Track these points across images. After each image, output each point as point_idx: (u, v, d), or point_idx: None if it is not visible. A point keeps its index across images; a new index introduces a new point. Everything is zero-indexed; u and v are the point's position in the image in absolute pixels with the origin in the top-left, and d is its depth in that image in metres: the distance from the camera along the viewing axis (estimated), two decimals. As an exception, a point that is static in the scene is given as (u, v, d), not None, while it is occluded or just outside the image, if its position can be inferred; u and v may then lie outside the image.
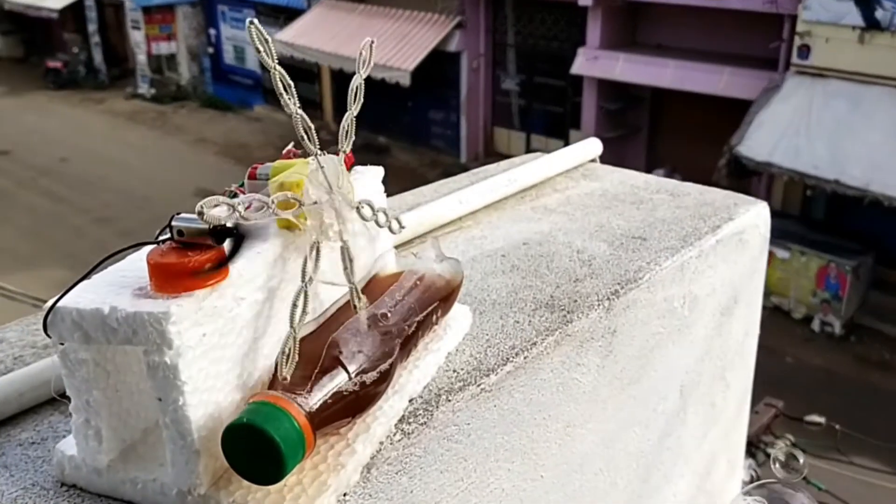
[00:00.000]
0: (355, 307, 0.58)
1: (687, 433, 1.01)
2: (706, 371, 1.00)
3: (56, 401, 0.65)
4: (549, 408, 0.76)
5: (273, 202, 0.53)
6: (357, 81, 0.60)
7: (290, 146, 0.62)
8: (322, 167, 0.55)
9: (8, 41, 18.29)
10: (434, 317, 0.66)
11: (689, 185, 1.07)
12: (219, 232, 0.52)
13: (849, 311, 8.04)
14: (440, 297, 0.66)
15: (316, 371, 0.53)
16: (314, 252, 0.55)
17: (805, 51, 8.49)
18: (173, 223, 0.52)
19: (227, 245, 0.53)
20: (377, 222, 0.66)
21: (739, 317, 1.03)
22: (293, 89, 0.54)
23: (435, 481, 0.65)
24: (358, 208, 0.61)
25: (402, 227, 0.69)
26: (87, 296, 0.51)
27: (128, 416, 0.56)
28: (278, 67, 0.53)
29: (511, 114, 12.11)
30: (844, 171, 8.03)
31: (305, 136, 0.54)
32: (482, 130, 12.21)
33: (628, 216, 0.98)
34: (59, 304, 0.51)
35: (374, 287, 0.65)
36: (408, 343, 0.62)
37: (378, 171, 0.69)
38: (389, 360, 0.58)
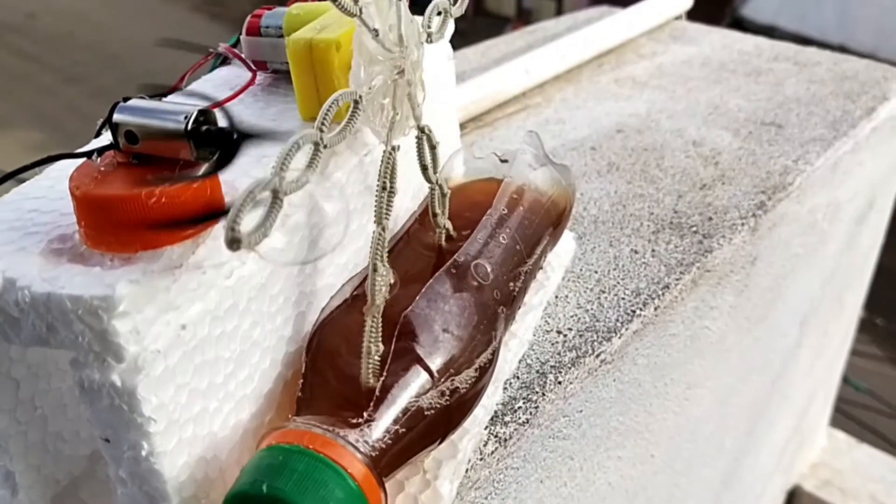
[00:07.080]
0: (439, 233, 0.35)
1: (797, 370, 0.81)
2: (827, 294, 0.79)
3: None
4: (673, 369, 0.54)
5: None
6: None
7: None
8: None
9: None
10: (542, 260, 0.43)
11: (814, 50, 0.82)
12: (205, 134, 0.28)
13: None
14: (548, 227, 0.43)
15: (382, 378, 0.31)
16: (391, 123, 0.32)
17: None
18: (117, 117, 0.28)
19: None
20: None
21: (871, 225, 0.81)
22: None
23: (532, 495, 0.44)
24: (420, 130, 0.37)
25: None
26: (-36, 251, 0.28)
27: (59, 442, 0.33)
28: None
29: (502, -31, 11.42)
30: (852, 37, 7.62)
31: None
32: (471, -13, 11.54)
33: (748, 94, 0.73)
34: None
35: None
36: (512, 308, 0.39)
37: (445, 46, 0.44)
38: (492, 344, 0.35)
